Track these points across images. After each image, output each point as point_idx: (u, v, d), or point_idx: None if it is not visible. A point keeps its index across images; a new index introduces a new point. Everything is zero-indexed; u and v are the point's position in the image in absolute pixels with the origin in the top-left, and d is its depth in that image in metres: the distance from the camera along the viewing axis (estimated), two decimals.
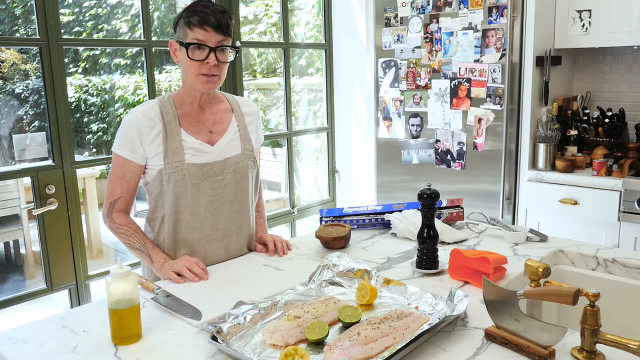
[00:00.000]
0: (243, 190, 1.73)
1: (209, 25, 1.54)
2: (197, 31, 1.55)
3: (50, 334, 1.22)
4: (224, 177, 1.67)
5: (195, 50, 1.56)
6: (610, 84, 3.29)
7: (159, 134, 1.60)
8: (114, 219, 1.65)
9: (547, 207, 2.91)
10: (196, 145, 1.63)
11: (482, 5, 2.92)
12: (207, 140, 1.66)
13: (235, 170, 1.70)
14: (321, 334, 1.13)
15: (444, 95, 3.14)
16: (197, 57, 1.56)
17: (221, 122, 1.71)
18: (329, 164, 3.95)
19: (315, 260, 1.66)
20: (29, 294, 2.44)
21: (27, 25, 7.28)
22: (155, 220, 1.68)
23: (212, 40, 1.56)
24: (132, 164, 1.62)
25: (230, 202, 1.70)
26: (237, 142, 1.73)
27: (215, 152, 1.66)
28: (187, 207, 1.63)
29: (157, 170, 1.62)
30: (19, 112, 7.06)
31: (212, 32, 1.55)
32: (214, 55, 1.56)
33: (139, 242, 1.62)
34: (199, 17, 1.54)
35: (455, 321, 1.21)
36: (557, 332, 1.03)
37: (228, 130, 1.71)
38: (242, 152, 1.73)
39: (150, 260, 1.61)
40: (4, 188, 4.19)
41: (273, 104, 5.80)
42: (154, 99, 1.68)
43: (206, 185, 1.64)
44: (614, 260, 1.61)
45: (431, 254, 1.53)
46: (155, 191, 1.64)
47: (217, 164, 1.66)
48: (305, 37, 5.38)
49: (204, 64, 1.56)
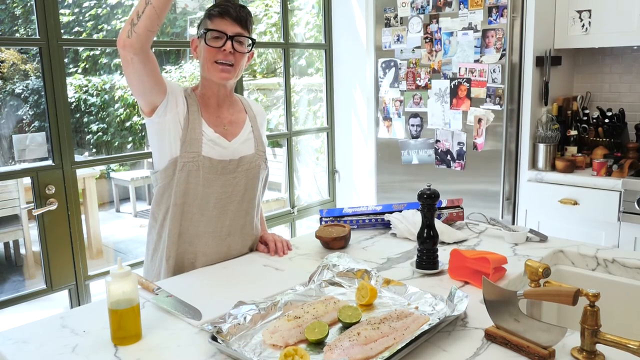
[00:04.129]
0: (252, 190, 1.74)
1: (228, 16, 1.62)
2: (217, 21, 1.62)
3: (50, 334, 1.22)
4: (236, 176, 1.68)
5: (212, 38, 1.62)
6: (610, 84, 3.29)
7: (184, 111, 1.62)
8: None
9: (547, 207, 2.91)
10: (214, 138, 1.65)
11: (482, 5, 2.92)
12: (223, 134, 1.68)
13: (248, 169, 1.71)
14: (321, 334, 1.13)
15: (443, 95, 3.14)
16: (214, 44, 1.62)
17: (237, 122, 1.75)
18: (328, 164, 3.95)
19: (315, 261, 1.66)
20: (29, 294, 2.44)
21: (27, 26, 7.28)
22: (159, 212, 1.68)
23: (230, 30, 1.62)
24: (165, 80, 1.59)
25: (238, 201, 1.70)
26: (251, 142, 1.75)
27: (231, 148, 1.68)
28: (196, 200, 1.63)
29: (170, 157, 1.62)
30: (19, 112, 7.06)
31: (230, 22, 1.62)
32: (230, 43, 1.61)
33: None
34: (220, 9, 1.63)
35: (455, 321, 1.21)
36: (557, 333, 1.03)
37: (243, 130, 1.74)
38: (255, 152, 1.74)
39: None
40: (4, 188, 4.19)
41: (273, 104, 5.80)
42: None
43: (218, 182, 1.65)
44: (614, 261, 1.61)
45: (431, 254, 1.53)
46: (165, 181, 1.64)
47: (232, 162, 1.67)
48: (305, 37, 5.38)
49: (220, 50, 1.61)
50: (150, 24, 1.41)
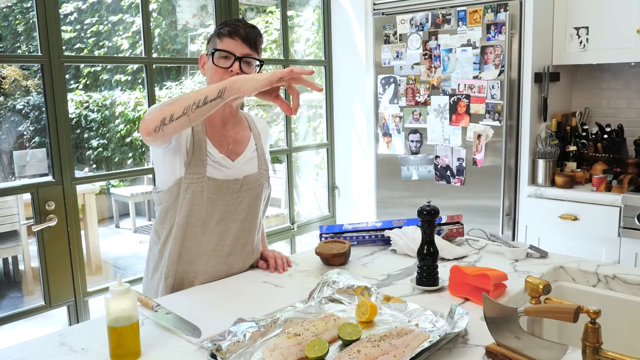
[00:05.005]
0: (255, 209, 1.74)
1: (237, 36, 1.61)
2: (226, 41, 1.61)
3: (48, 352, 1.21)
4: (239, 195, 1.68)
5: (221, 58, 1.61)
6: (609, 100, 3.31)
7: (188, 133, 1.61)
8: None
9: (547, 223, 2.90)
10: (219, 159, 1.65)
11: (480, 22, 2.94)
12: (227, 155, 1.68)
13: (251, 189, 1.71)
14: (321, 352, 1.12)
15: (443, 111, 3.16)
16: (222, 65, 1.61)
17: (241, 141, 1.74)
18: (328, 180, 3.96)
19: (315, 277, 1.65)
20: (27, 311, 2.42)
21: (29, 42, 7.33)
22: (162, 231, 1.67)
23: (238, 51, 1.61)
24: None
25: (241, 220, 1.70)
26: (255, 161, 1.75)
27: (235, 167, 1.67)
28: (199, 220, 1.63)
29: (175, 178, 1.62)
30: (19, 128, 7.09)
31: (239, 42, 1.61)
32: (238, 65, 1.61)
33: (193, 93, 1.42)
34: (229, 28, 1.61)
35: (456, 338, 1.21)
36: (558, 350, 1.03)
37: (247, 149, 1.73)
38: (258, 172, 1.74)
39: (214, 87, 1.40)
40: (4, 204, 4.19)
41: (273, 120, 5.82)
42: None
43: (221, 201, 1.64)
44: (615, 277, 1.61)
45: (431, 271, 1.53)
46: (169, 200, 1.63)
47: (236, 182, 1.67)
48: (305, 54, 5.41)
49: (228, 71, 1.60)
50: (180, 128, 1.43)
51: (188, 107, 1.38)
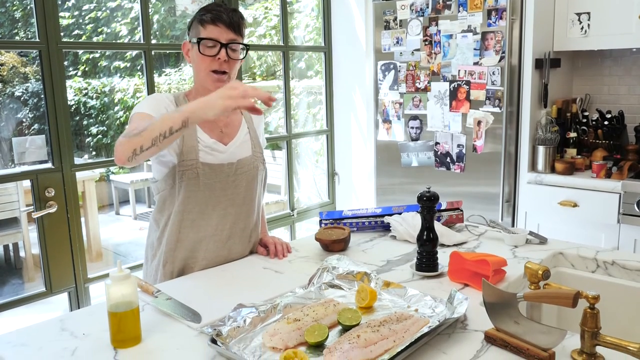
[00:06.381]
0: (252, 192, 1.74)
1: (221, 22, 1.59)
2: (210, 28, 1.59)
3: (49, 337, 1.22)
4: (235, 179, 1.68)
5: (206, 46, 1.60)
6: (609, 86, 3.30)
7: None
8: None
9: (547, 209, 2.91)
10: (210, 143, 1.64)
11: (481, 8, 2.92)
12: (219, 139, 1.67)
13: (247, 172, 1.71)
14: (321, 337, 1.13)
15: (443, 97, 3.15)
16: (208, 53, 1.60)
17: (232, 124, 1.73)
18: (328, 167, 3.95)
19: (314, 263, 1.66)
20: (28, 297, 2.43)
21: (26, 29, 7.29)
22: (161, 219, 1.68)
23: (223, 37, 1.59)
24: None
25: (239, 204, 1.70)
26: (248, 144, 1.74)
27: (228, 151, 1.67)
28: (197, 206, 1.63)
29: (168, 168, 1.62)
30: (18, 115, 7.07)
31: (223, 28, 1.59)
32: (224, 51, 1.59)
33: (158, 123, 1.37)
34: (212, 15, 1.59)
35: (455, 324, 1.21)
36: (556, 335, 1.03)
37: (239, 132, 1.73)
38: (252, 154, 1.74)
39: (177, 116, 1.35)
40: (4, 191, 4.19)
41: (272, 106, 5.81)
42: (167, 93, 1.69)
43: (218, 186, 1.64)
44: (614, 263, 1.61)
45: (431, 257, 1.53)
46: (165, 189, 1.64)
47: (230, 166, 1.66)
48: (305, 40, 5.38)
49: (215, 59, 1.59)
50: (153, 154, 1.43)
51: (155, 138, 1.35)
